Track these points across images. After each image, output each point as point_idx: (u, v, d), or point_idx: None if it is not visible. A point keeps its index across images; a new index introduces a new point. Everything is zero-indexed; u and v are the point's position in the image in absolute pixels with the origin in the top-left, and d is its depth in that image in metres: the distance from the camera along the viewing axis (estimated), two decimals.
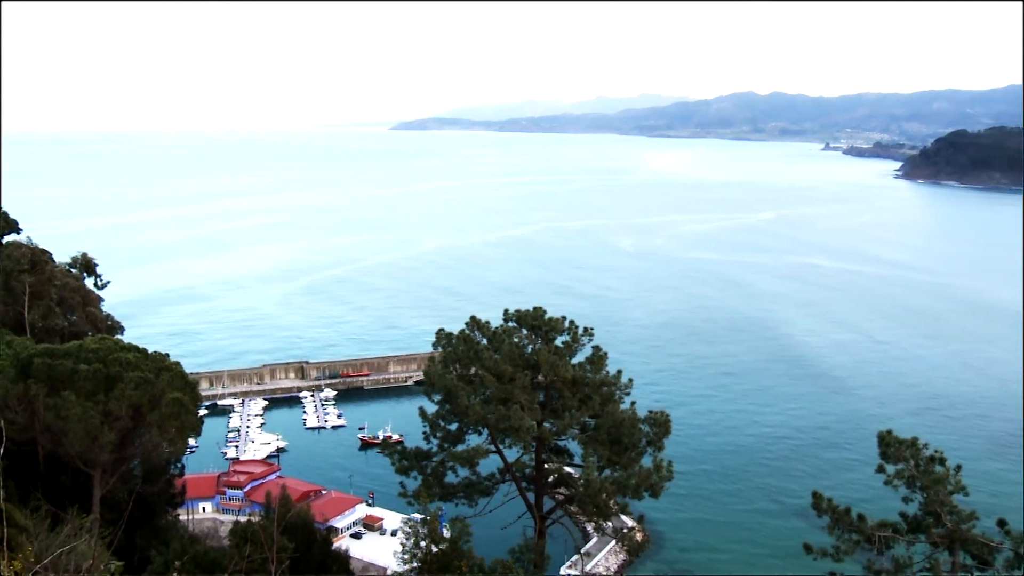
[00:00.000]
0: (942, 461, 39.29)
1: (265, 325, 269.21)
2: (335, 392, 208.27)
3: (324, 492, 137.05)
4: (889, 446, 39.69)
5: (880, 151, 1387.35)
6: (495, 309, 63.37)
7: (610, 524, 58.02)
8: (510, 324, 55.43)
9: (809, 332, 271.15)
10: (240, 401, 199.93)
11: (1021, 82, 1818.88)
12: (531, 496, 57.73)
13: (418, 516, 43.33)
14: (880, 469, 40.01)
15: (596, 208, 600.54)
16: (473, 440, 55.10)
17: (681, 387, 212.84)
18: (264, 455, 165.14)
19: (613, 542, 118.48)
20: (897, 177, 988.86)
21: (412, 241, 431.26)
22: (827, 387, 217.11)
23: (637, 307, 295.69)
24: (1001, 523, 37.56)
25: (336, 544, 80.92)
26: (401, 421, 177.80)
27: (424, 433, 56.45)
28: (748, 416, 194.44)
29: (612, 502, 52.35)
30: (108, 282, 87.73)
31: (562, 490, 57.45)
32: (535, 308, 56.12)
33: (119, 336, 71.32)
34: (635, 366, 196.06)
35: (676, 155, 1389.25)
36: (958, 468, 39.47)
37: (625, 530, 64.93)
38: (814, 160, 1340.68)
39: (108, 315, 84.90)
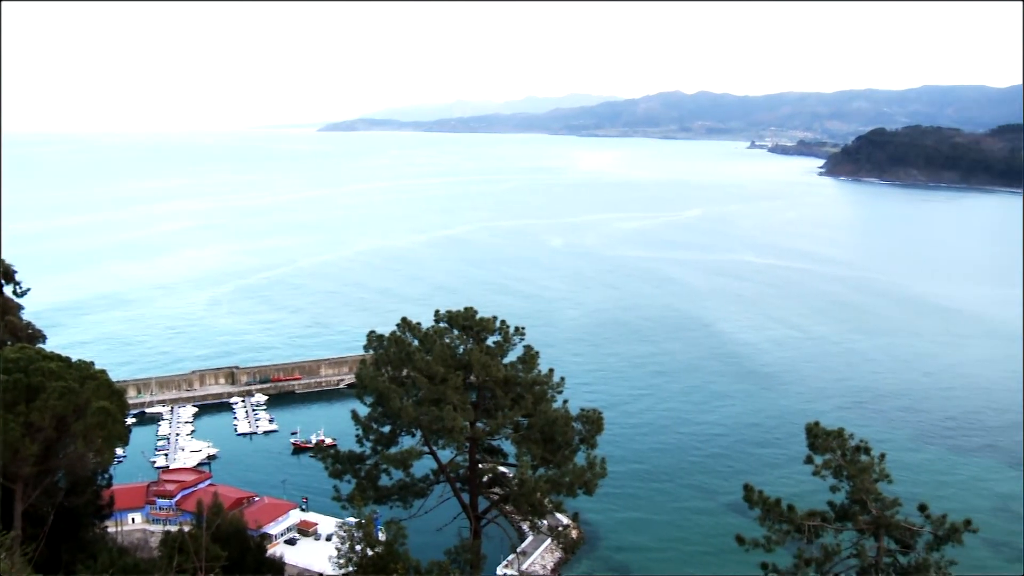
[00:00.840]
0: (867, 451, 40.35)
1: (195, 330, 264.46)
2: (266, 397, 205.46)
3: (257, 499, 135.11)
4: (817, 437, 40.67)
5: (804, 149, 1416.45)
6: (427, 310, 63.29)
7: (545, 522, 58.44)
8: (441, 325, 55.44)
9: (739, 328, 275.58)
10: (169, 408, 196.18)
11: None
12: (466, 496, 57.80)
13: (353, 520, 43.16)
14: (808, 460, 40.92)
15: (527, 207, 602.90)
16: (406, 442, 54.94)
17: (614, 385, 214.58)
18: (195, 463, 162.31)
19: (548, 540, 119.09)
20: (821, 174, 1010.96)
21: (344, 242, 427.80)
22: (758, 383, 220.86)
23: (569, 306, 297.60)
24: (922, 508, 38.77)
25: (270, 551, 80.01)
26: (334, 425, 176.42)
27: (357, 436, 56.11)
28: (681, 413, 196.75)
29: (547, 500, 52.69)
30: (28, 290, 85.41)
31: (496, 490, 57.61)
32: (466, 308, 56.23)
33: (41, 345, 69.57)
34: (568, 365, 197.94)
35: (605, 154, 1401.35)
36: (882, 457, 40.56)
37: (560, 528, 65.49)
38: (740, 158, 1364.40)
39: (28, 323, 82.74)
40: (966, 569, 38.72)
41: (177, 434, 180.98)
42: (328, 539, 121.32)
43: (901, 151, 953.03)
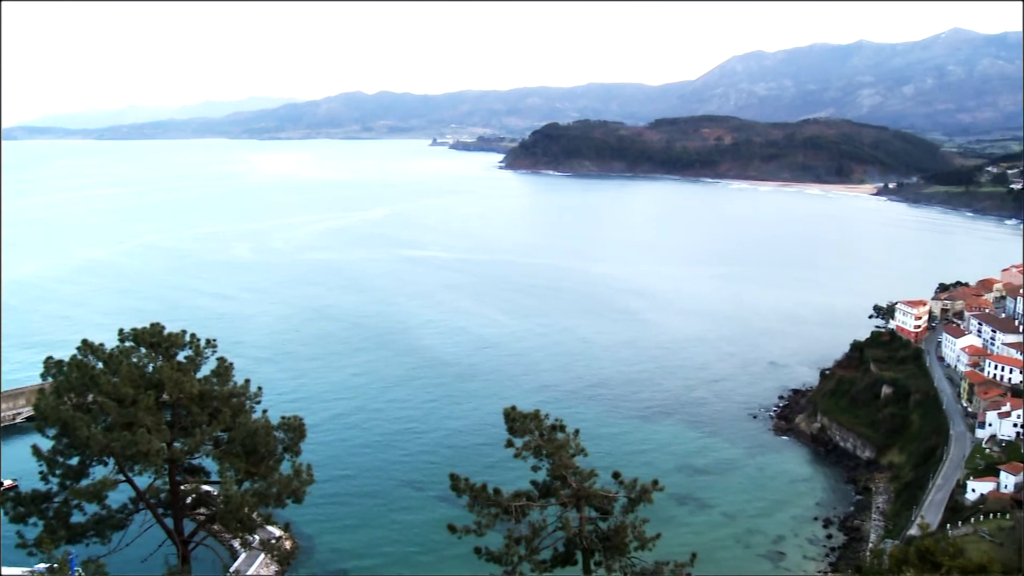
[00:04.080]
0: (562, 428, 42.60)
1: None
2: None
3: None
4: (515, 421, 42.32)
5: (484, 144, 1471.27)
6: (110, 330, 59.19)
7: (256, 537, 56.62)
8: (127, 344, 52.07)
9: (434, 323, 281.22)
10: None
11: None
12: (169, 522, 54.79)
13: (43, 566, 39.68)
14: (509, 444, 42.48)
15: (209, 215, 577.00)
16: (99, 472, 51.12)
17: (316, 391, 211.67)
18: None
19: (262, 555, 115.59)
20: (501, 168, 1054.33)
21: (5, 265, 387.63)
22: (457, 375, 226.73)
23: (261, 314, 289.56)
24: (616, 475, 41.71)
25: None
26: (13, 464, 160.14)
27: (41, 473, 51.36)
28: (385, 413, 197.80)
29: (255, 514, 51.15)
30: None
31: (202, 510, 55.12)
32: (153, 324, 53.20)
33: None
34: (266, 374, 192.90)
35: (288, 156, 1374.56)
36: (576, 433, 43.03)
37: (273, 540, 63.73)
38: (423, 156, 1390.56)
39: None
40: (657, 522, 42.14)
41: None
42: None
43: (574, 144, 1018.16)
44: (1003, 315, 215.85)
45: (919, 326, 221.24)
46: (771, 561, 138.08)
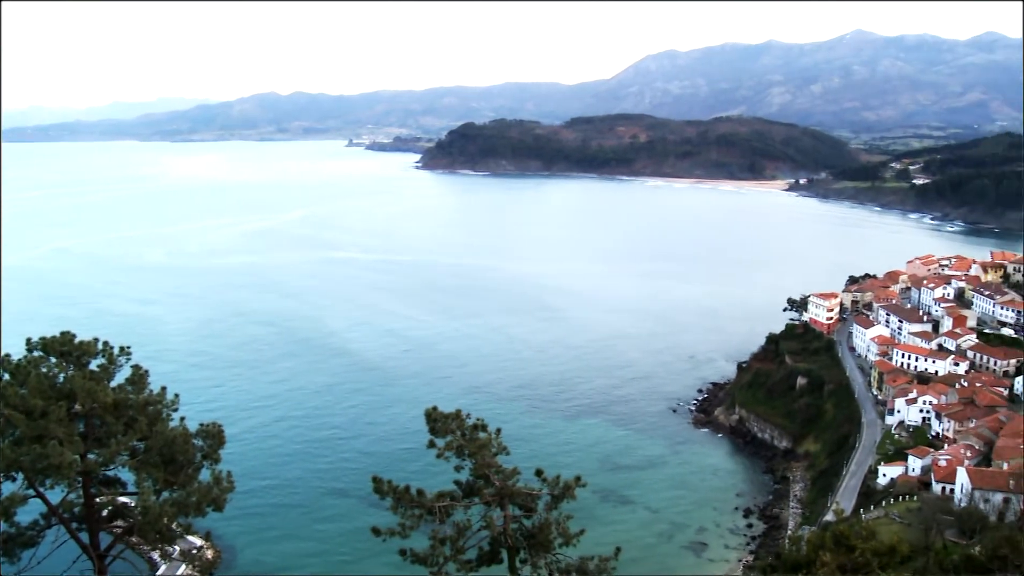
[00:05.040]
0: (484, 428, 42.58)
1: None
2: None
3: None
4: (436, 421, 42.16)
5: (400, 144, 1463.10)
6: (16, 341, 57.24)
7: (177, 547, 55.38)
8: (35, 354, 50.35)
9: (357, 326, 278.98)
10: None
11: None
12: (84, 536, 53.24)
13: None
14: (431, 444, 42.34)
15: (122, 219, 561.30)
16: (7, 488, 49.41)
17: (237, 398, 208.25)
18: None
19: (183, 565, 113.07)
20: (418, 168, 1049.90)
21: None
22: (382, 378, 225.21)
23: (178, 319, 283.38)
24: (538, 473, 41.87)
25: None
26: None
27: None
28: (306, 419, 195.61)
29: (175, 524, 50.03)
30: None
31: (119, 522, 53.68)
32: (63, 333, 51.57)
33: None
34: (185, 381, 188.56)
35: (202, 159, 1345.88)
36: (498, 431, 43.08)
37: (194, 550, 62.51)
38: (339, 157, 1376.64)
39: None
40: (581, 519, 42.50)
41: None
42: None
43: (490, 143, 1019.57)
44: (909, 305, 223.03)
45: (831, 318, 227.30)
46: (694, 552, 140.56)
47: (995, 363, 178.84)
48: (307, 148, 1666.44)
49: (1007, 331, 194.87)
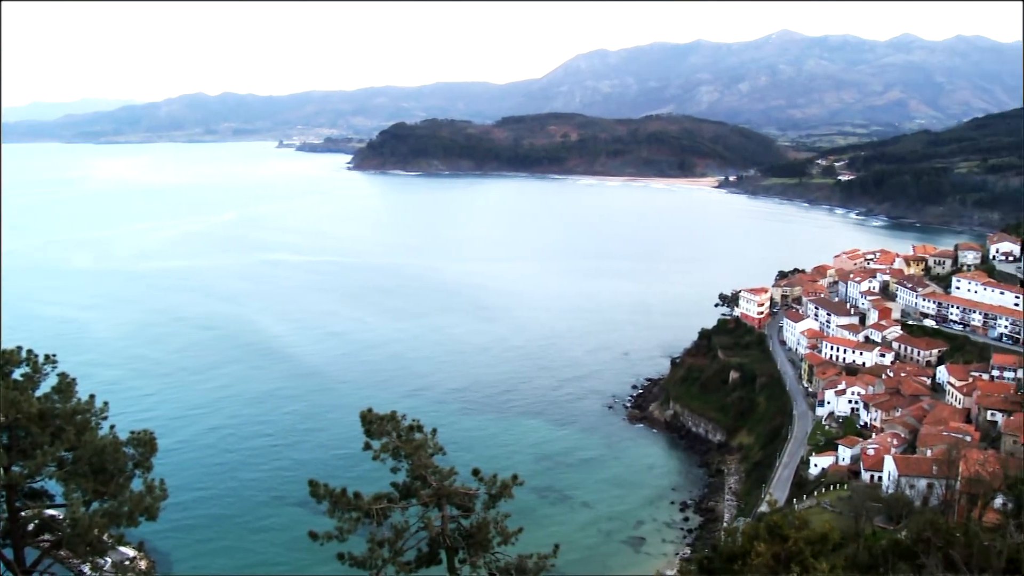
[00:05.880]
0: (420, 429, 42.38)
1: None
2: None
3: None
4: (371, 423, 41.82)
5: (331, 145, 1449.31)
6: None
7: (108, 559, 54.15)
8: None
9: (291, 330, 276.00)
10: None
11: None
12: (9, 552, 51.77)
13: None
14: (367, 446, 42.06)
15: (45, 224, 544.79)
16: None
17: (168, 405, 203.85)
18: None
19: None
20: (350, 169, 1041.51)
21: None
22: (314, 382, 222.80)
23: (107, 327, 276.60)
24: (476, 472, 41.82)
25: None
26: None
27: None
28: (240, 425, 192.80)
29: (106, 535, 48.91)
30: None
31: (46, 536, 52.29)
32: None
33: None
34: (115, 389, 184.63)
35: (129, 161, 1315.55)
36: (434, 432, 42.95)
37: (127, 562, 61.12)
38: (270, 158, 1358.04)
39: None
40: (520, 517, 42.60)
41: None
42: None
43: (422, 143, 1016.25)
44: (836, 299, 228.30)
45: (762, 312, 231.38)
46: (632, 547, 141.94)
47: (918, 353, 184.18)
48: (237, 150, 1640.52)
49: (929, 322, 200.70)
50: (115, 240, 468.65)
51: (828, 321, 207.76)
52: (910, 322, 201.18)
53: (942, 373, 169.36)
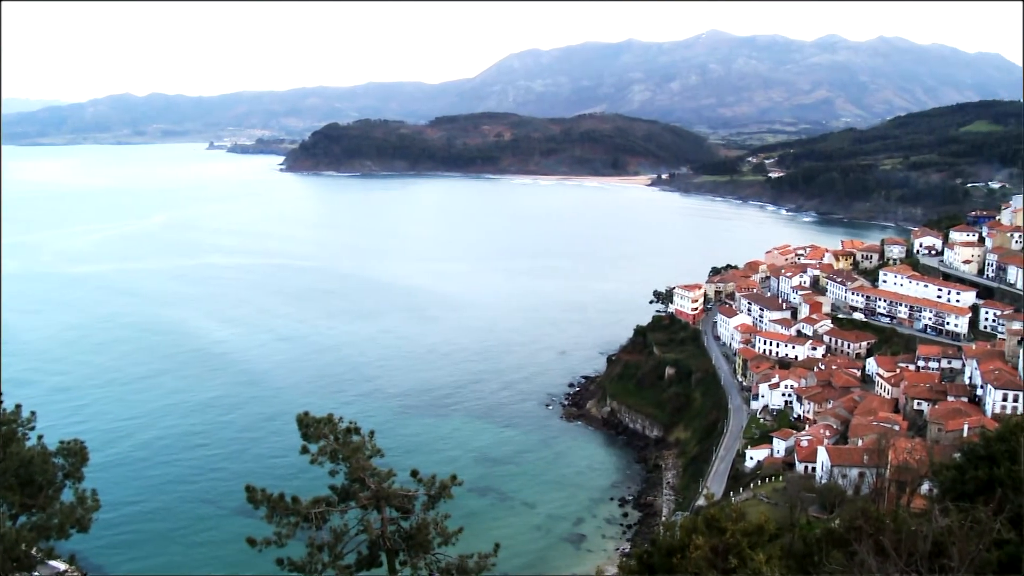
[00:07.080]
0: (357, 431, 42.12)
1: None
2: None
3: None
4: (308, 426, 41.47)
5: (263, 147, 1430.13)
6: None
7: (38, 574, 52.89)
8: None
9: (228, 335, 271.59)
10: None
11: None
12: None
13: None
14: (304, 450, 41.66)
15: None
16: None
17: (99, 414, 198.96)
18: None
19: None
20: (282, 170, 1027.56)
21: None
22: (255, 390, 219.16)
23: (34, 336, 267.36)
24: (414, 474, 41.73)
25: None
26: None
27: None
28: (174, 433, 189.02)
29: (35, 549, 47.69)
30: None
31: None
32: None
33: None
34: (40, 398, 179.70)
35: (53, 164, 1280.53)
36: (372, 434, 42.70)
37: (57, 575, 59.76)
38: (201, 160, 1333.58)
39: None
40: (459, 517, 42.57)
41: None
42: None
43: (355, 144, 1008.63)
44: (769, 294, 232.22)
45: (696, 308, 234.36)
46: (572, 544, 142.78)
47: (848, 346, 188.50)
48: (167, 151, 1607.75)
49: (858, 315, 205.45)
50: (40, 244, 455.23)
51: (761, 316, 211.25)
52: (840, 316, 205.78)
53: (871, 365, 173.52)
